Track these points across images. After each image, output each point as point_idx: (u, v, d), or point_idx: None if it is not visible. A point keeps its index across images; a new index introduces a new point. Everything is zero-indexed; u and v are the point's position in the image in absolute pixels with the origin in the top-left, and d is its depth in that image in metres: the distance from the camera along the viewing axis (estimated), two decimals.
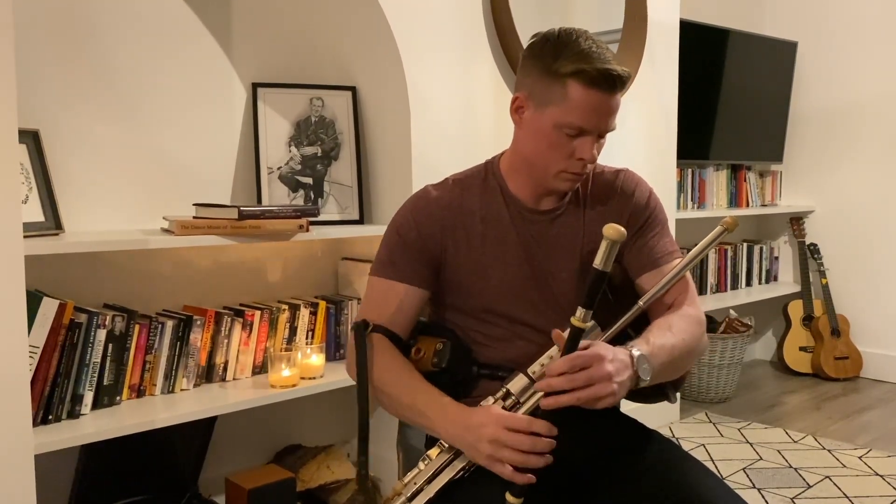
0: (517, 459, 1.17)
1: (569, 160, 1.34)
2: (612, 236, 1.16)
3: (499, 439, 1.18)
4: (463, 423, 1.23)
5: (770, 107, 4.18)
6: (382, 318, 1.38)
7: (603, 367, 1.16)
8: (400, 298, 1.38)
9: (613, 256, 1.17)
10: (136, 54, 2.10)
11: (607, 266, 1.17)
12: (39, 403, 1.72)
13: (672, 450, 1.36)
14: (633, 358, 1.20)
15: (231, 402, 1.97)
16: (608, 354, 1.17)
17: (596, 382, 1.15)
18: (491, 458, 1.19)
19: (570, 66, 1.27)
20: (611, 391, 1.16)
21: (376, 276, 1.42)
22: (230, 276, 2.30)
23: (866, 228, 4.09)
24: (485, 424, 1.20)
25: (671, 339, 1.28)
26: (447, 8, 2.37)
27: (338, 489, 2.26)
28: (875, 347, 4.07)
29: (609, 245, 1.16)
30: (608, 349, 1.19)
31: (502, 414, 1.21)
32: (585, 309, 1.18)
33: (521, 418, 1.20)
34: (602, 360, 1.16)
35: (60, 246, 1.75)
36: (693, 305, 1.38)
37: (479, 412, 1.22)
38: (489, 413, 1.21)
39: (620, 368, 1.18)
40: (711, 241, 1.29)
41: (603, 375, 1.15)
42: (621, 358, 1.19)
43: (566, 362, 1.17)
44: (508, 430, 1.18)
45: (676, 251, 1.43)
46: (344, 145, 2.38)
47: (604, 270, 1.17)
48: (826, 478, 2.72)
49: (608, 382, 1.15)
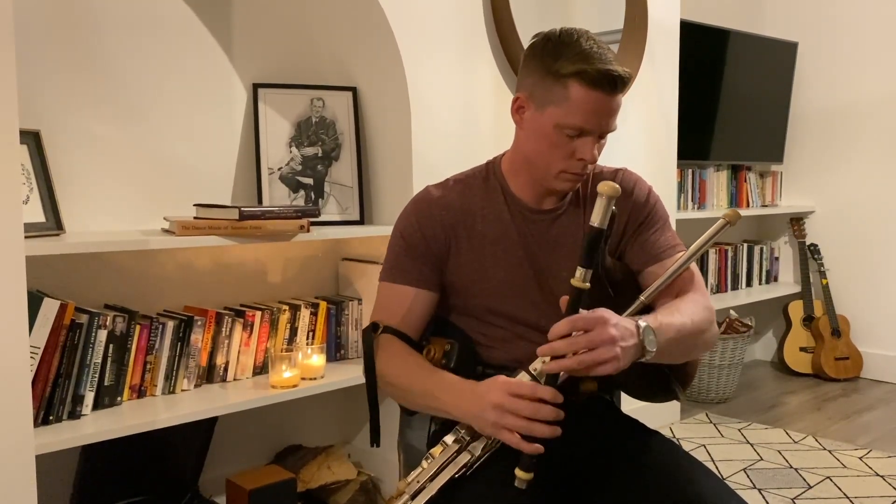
0: (521, 426, 1.16)
1: (569, 160, 1.34)
2: (607, 192, 1.15)
3: (503, 405, 1.18)
4: (469, 393, 1.23)
5: (770, 107, 4.18)
6: (392, 322, 1.39)
7: (606, 330, 1.14)
8: (409, 302, 1.39)
9: (609, 213, 1.17)
10: (137, 55, 2.11)
11: (603, 223, 1.17)
12: (40, 404, 1.72)
13: (672, 450, 1.35)
14: (638, 328, 1.19)
15: (232, 403, 1.97)
16: (611, 318, 1.16)
17: (598, 346, 1.14)
18: (496, 425, 1.18)
19: (572, 66, 1.27)
20: (613, 355, 1.14)
21: (384, 282, 1.43)
22: (231, 277, 2.30)
23: (866, 228, 4.09)
24: (490, 391, 1.20)
25: (679, 319, 1.27)
26: (447, 8, 2.37)
27: (338, 489, 2.26)
28: (875, 348, 4.07)
29: (605, 201, 1.16)
30: (612, 314, 1.18)
31: (507, 380, 1.20)
32: (584, 268, 1.17)
33: (525, 384, 1.19)
34: (605, 323, 1.15)
35: (61, 246, 1.75)
36: (700, 293, 1.36)
37: (485, 382, 1.23)
38: (494, 381, 1.21)
39: (625, 334, 1.16)
40: (713, 235, 1.29)
41: (605, 338, 1.14)
42: (626, 325, 1.18)
43: (567, 324, 1.16)
44: (513, 395, 1.18)
45: (679, 245, 1.43)
46: (344, 146, 2.38)
47: (601, 227, 1.16)
48: (826, 478, 2.72)
49: (611, 346, 1.14)
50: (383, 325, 1.38)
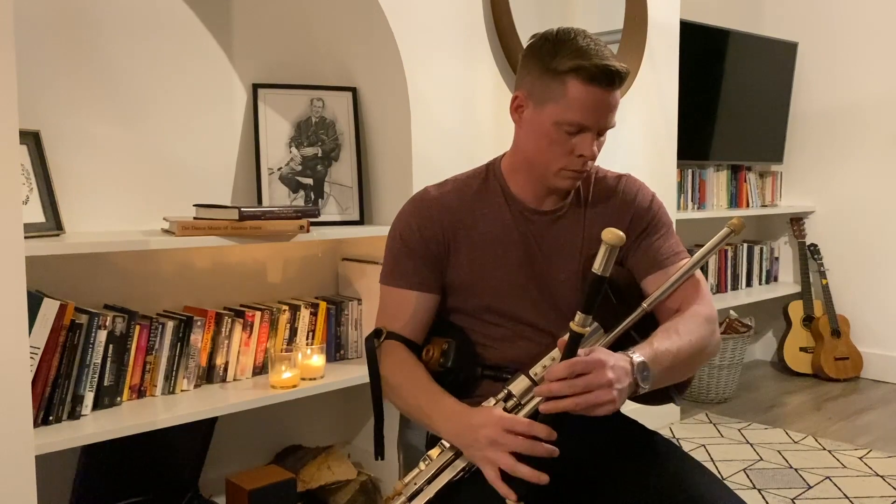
0: (509, 465, 1.16)
1: (569, 157, 1.34)
2: (611, 241, 1.14)
3: (497, 441, 1.17)
4: (463, 423, 1.23)
5: (770, 107, 4.18)
6: (396, 327, 1.39)
7: (603, 374, 1.14)
8: (412, 306, 1.39)
9: (612, 261, 1.15)
10: (137, 55, 2.11)
11: (606, 271, 1.15)
12: (40, 404, 1.72)
13: (672, 450, 1.35)
14: (633, 364, 1.19)
15: (231, 403, 1.97)
16: (609, 361, 1.16)
17: (595, 389, 1.14)
18: (487, 459, 1.18)
19: (569, 62, 1.28)
20: (610, 398, 1.15)
21: (385, 286, 1.43)
22: (230, 277, 2.30)
23: (866, 229, 4.09)
24: (485, 425, 1.19)
25: (677, 343, 1.27)
26: (447, 8, 2.37)
27: (338, 490, 2.26)
28: (875, 348, 4.07)
29: (608, 250, 1.14)
30: (609, 355, 1.18)
31: (503, 416, 1.20)
32: (584, 314, 1.16)
33: (521, 421, 1.19)
34: (602, 367, 1.15)
35: (61, 247, 1.75)
36: (703, 303, 1.36)
37: (480, 413, 1.22)
38: (490, 414, 1.21)
39: (621, 375, 1.16)
40: (718, 243, 1.28)
41: (603, 382, 1.14)
42: (621, 365, 1.18)
43: (565, 367, 1.16)
44: (508, 432, 1.18)
45: (683, 252, 1.42)
46: (344, 146, 2.38)
47: (602, 275, 1.15)
48: (826, 478, 2.72)
49: (608, 389, 1.14)
50: (387, 332, 1.38)
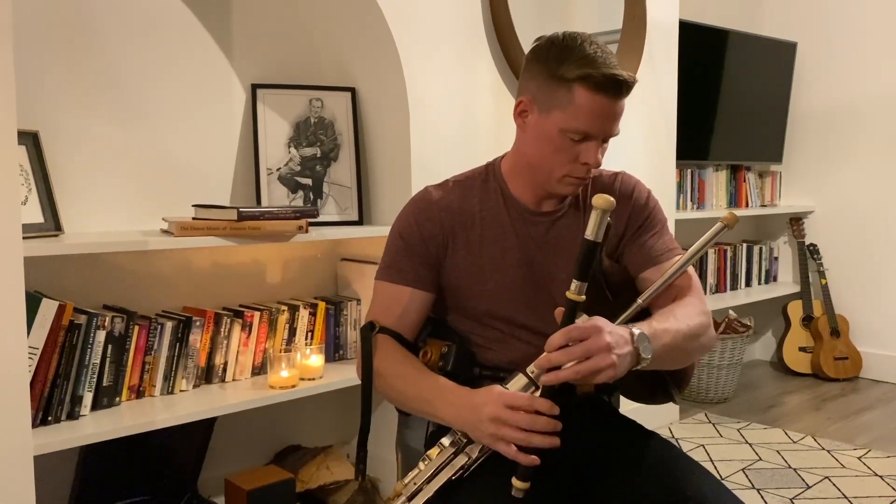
0: (519, 437, 1.17)
1: (573, 164, 1.34)
2: (602, 206, 1.15)
3: (500, 417, 1.18)
4: (465, 404, 1.23)
5: (770, 107, 4.18)
6: (389, 322, 1.39)
7: (601, 338, 1.14)
8: (405, 302, 1.39)
9: (604, 226, 1.16)
10: (136, 55, 2.11)
11: (598, 237, 1.16)
12: (39, 404, 1.72)
13: (670, 450, 1.35)
14: (633, 335, 1.19)
15: (230, 403, 1.97)
16: (606, 326, 1.17)
17: (594, 354, 1.14)
18: (493, 436, 1.19)
19: (577, 70, 1.27)
20: (610, 362, 1.14)
21: (381, 281, 1.43)
22: (229, 277, 2.30)
23: (866, 228, 4.09)
24: (486, 403, 1.20)
25: (675, 324, 1.27)
26: (446, 9, 2.37)
27: (337, 490, 2.27)
28: (875, 348, 4.07)
29: (599, 215, 1.15)
30: (606, 322, 1.18)
31: (503, 392, 1.21)
32: (579, 281, 1.17)
33: (521, 396, 1.19)
34: (600, 332, 1.15)
35: (60, 247, 1.75)
36: (696, 297, 1.36)
37: (480, 392, 1.23)
38: (490, 392, 1.21)
39: (619, 341, 1.16)
40: (711, 238, 1.29)
41: (601, 346, 1.14)
42: (620, 332, 1.18)
43: (563, 335, 1.16)
44: (509, 407, 1.18)
45: (677, 249, 1.43)
46: (343, 146, 2.38)
47: (595, 241, 1.16)
48: (825, 478, 2.72)
49: (607, 353, 1.14)
50: (379, 326, 1.38)
